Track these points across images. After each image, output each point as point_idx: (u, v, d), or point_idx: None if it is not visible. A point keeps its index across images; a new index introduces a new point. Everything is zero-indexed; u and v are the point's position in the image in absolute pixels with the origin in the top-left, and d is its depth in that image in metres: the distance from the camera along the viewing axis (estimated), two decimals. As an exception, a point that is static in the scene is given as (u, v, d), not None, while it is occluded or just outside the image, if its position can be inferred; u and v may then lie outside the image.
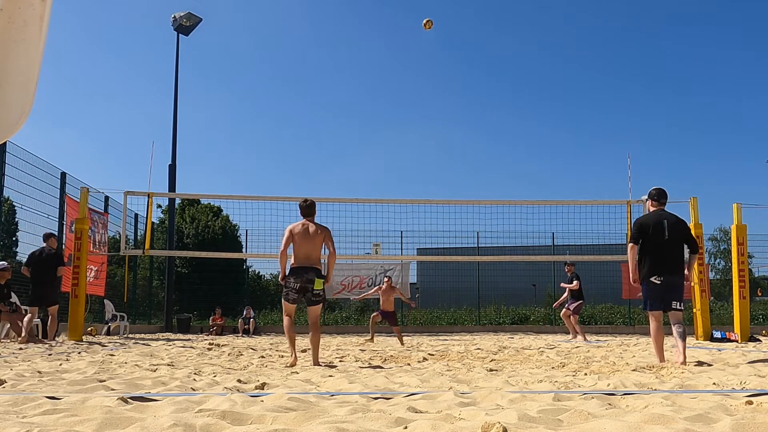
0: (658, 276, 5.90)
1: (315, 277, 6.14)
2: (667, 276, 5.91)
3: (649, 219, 6.09)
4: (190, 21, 20.20)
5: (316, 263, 6.26)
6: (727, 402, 2.99)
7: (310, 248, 6.22)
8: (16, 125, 1.09)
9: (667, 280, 5.92)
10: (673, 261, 5.96)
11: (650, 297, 6.04)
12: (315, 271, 6.18)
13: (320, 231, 6.28)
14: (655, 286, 5.95)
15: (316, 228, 6.30)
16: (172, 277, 19.89)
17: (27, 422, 2.48)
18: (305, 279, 6.14)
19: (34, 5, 1.05)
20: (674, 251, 5.97)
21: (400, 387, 4.00)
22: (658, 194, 6.20)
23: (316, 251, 6.26)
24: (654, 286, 5.95)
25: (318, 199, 14.50)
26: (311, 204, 6.49)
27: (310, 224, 6.32)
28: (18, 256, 14.83)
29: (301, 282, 6.13)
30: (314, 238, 6.24)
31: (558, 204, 14.61)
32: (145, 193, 12.91)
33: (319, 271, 6.22)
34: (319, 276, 6.17)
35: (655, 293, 5.98)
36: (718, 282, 32.41)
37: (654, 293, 5.98)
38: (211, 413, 2.63)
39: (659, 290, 5.95)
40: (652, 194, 6.24)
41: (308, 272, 6.15)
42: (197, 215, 26.48)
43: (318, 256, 6.30)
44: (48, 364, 5.78)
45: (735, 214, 12.45)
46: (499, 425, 2.23)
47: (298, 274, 6.16)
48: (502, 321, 21.34)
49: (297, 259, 6.22)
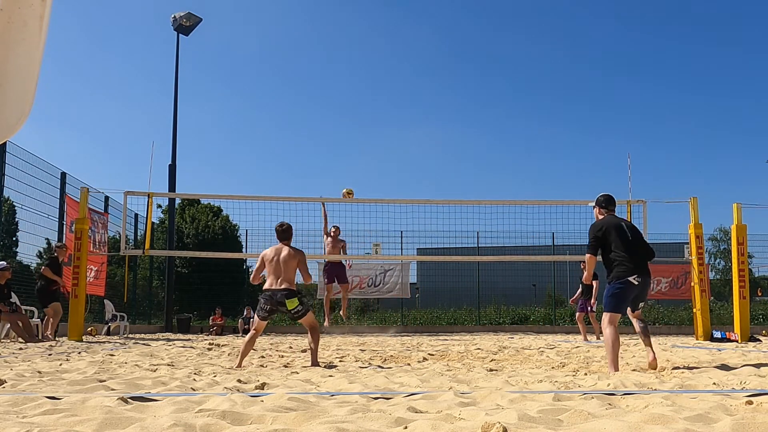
0: (637, 276, 5.47)
1: (285, 299, 6.09)
2: (645, 276, 5.53)
3: (606, 222, 5.72)
4: (190, 21, 20.20)
5: (287, 284, 6.15)
6: (727, 402, 2.99)
7: (280, 272, 6.17)
8: (16, 125, 1.09)
9: (645, 281, 5.54)
10: (645, 262, 5.63)
11: (620, 298, 5.51)
12: (284, 293, 6.10)
13: (294, 254, 6.22)
14: (631, 287, 5.48)
15: (290, 251, 6.23)
16: (172, 277, 19.89)
17: (27, 422, 2.48)
18: (274, 302, 6.13)
19: (34, 5, 1.05)
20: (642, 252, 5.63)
21: (400, 387, 4.00)
22: (606, 201, 5.90)
23: (288, 274, 6.17)
24: (630, 287, 5.48)
25: (318, 199, 14.55)
26: (287, 228, 6.43)
27: (285, 248, 6.27)
28: (18, 256, 14.84)
29: (271, 305, 6.15)
30: (287, 262, 6.18)
31: (558, 204, 14.60)
32: (145, 193, 12.90)
33: (291, 291, 6.12)
34: (289, 296, 6.10)
35: (626, 294, 5.51)
36: (718, 282, 32.40)
37: (625, 294, 5.51)
38: (211, 413, 2.63)
39: (633, 291, 5.53)
40: (600, 201, 5.93)
41: (276, 294, 6.11)
42: (197, 215, 26.47)
43: (290, 278, 6.19)
44: (48, 364, 5.78)
45: (735, 214, 12.45)
46: (499, 425, 2.23)
47: (267, 297, 6.16)
48: (502, 321, 21.33)
49: (268, 282, 6.21)
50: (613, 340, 5.38)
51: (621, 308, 5.57)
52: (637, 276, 5.47)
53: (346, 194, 12.29)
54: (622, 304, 5.55)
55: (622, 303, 5.55)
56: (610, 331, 5.42)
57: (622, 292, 5.49)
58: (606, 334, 5.45)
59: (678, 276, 20.11)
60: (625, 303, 5.58)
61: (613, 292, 5.52)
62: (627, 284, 5.47)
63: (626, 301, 5.58)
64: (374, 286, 21.00)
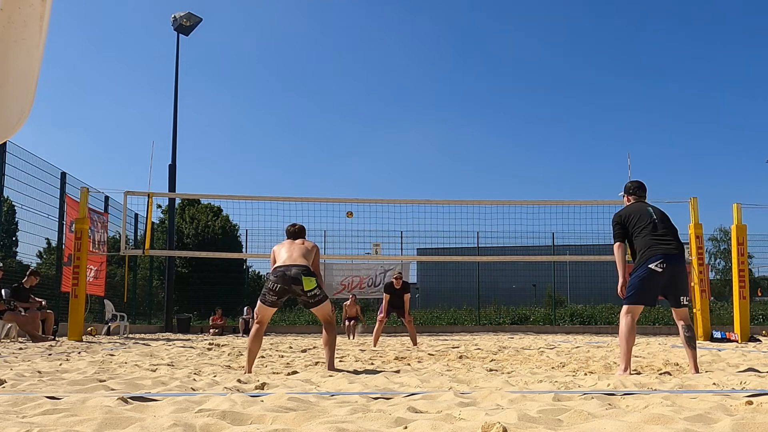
0: (661, 262, 4.86)
1: (301, 275, 5.13)
2: (672, 264, 4.88)
3: (630, 208, 5.25)
4: (190, 21, 20.21)
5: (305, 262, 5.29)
6: (727, 402, 2.99)
7: (294, 250, 5.38)
8: (16, 125, 1.09)
9: (672, 268, 4.89)
10: (675, 243, 4.98)
11: (640, 288, 4.92)
12: (301, 268, 5.17)
13: (311, 245, 5.54)
14: (653, 274, 4.87)
15: (305, 241, 5.60)
16: (172, 277, 19.90)
17: (27, 422, 2.48)
18: (287, 279, 5.12)
19: (34, 5, 1.05)
20: (669, 234, 5.02)
21: (400, 387, 4.00)
22: (635, 187, 5.43)
23: (305, 256, 5.34)
24: (651, 275, 4.88)
25: (318, 199, 14.57)
26: (300, 229, 5.75)
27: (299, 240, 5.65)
28: (18, 255, 14.85)
29: (283, 282, 5.12)
30: (303, 246, 5.46)
31: (558, 204, 14.62)
32: (145, 193, 12.91)
33: (306, 268, 5.21)
34: (306, 273, 5.17)
35: (649, 284, 4.91)
36: (718, 282, 32.41)
37: (647, 283, 4.91)
38: (211, 413, 2.63)
39: (657, 281, 4.90)
40: (628, 188, 5.47)
41: (290, 270, 5.16)
42: (197, 215, 26.48)
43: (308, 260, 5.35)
44: (48, 364, 5.78)
45: (735, 214, 12.45)
46: (499, 425, 2.23)
47: (279, 275, 5.17)
48: (502, 321, 21.34)
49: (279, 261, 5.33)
50: (626, 332, 4.91)
51: (641, 299, 4.97)
52: (661, 261, 4.86)
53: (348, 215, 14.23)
54: (642, 294, 4.94)
55: (642, 294, 4.94)
56: (625, 322, 4.95)
57: (642, 282, 4.92)
58: (620, 325, 5.02)
59: (678, 276, 20.07)
60: (646, 294, 4.95)
61: (632, 282, 4.98)
62: (648, 272, 4.89)
63: (647, 291, 4.94)
64: (374, 286, 21.00)
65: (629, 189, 5.48)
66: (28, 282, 11.18)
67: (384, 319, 10.57)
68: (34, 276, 11.31)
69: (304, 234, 5.76)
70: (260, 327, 5.25)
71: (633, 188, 5.45)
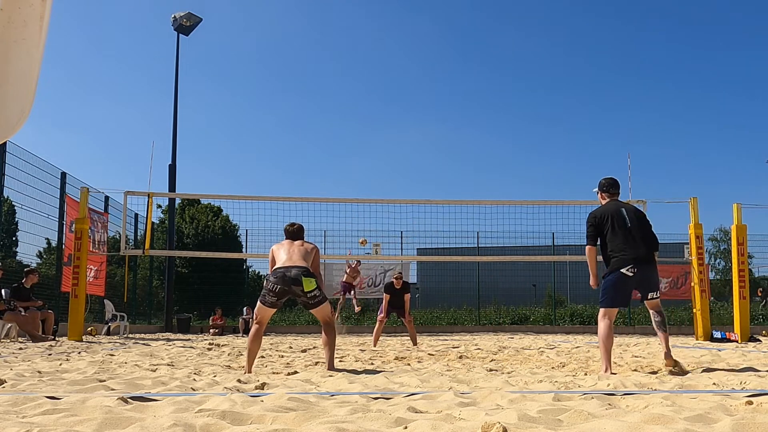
0: (632, 267, 5.04)
1: (301, 276, 5.22)
2: (642, 268, 5.08)
3: (605, 208, 5.33)
4: (190, 21, 20.20)
5: (305, 263, 5.38)
6: (727, 402, 2.99)
7: (293, 251, 5.45)
8: (16, 125, 1.09)
9: (642, 273, 5.09)
10: (645, 249, 5.14)
11: (612, 291, 5.14)
12: (300, 269, 5.26)
13: (310, 246, 5.61)
14: (625, 278, 5.07)
15: (305, 242, 5.66)
16: (172, 277, 19.89)
17: (27, 422, 2.48)
18: (287, 281, 5.22)
19: (34, 5, 1.05)
20: (640, 238, 5.17)
21: (400, 387, 4.00)
22: (608, 184, 5.48)
23: (305, 257, 5.42)
24: (624, 279, 5.08)
25: (318, 199, 14.56)
26: (299, 228, 5.77)
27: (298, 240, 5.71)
28: (18, 256, 14.85)
29: (282, 283, 5.21)
30: (303, 247, 5.53)
31: (558, 204, 14.60)
32: (145, 193, 12.90)
33: (306, 270, 5.30)
34: (306, 275, 5.25)
35: (622, 286, 5.11)
36: (718, 282, 32.40)
37: (620, 286, 5.11)
38: (211, 413, 2.63)
39: (629, 284, 5.11)
40: (602, 185, 5.51)
41: (290, 271, 5.24)
42: (197, 215, 26.48)
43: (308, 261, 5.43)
44: (48, 364, 5.78)
45: (735, 214, 12.45)
46: (499, 425, 2.23)
47: (278, 276, 5.25)
48: (502, 321, 21.33)
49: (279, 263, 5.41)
50: (605, 335, 5.07)
51: (614, 302, 5.18)
52: (632, 267, 5.05)
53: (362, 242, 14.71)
54: (615, 298, 5.16)
55: (615, 297, 5.15)
56: (603, 325, 5.12)
57: (615, 286, 5.13)
58: (599, 328, 5.18)
59: (678, 276, 20.10)
60: (618, 297, 5.17)
61: (605, 286, 5.19)
62: (620, 276, 5.09)
63: (620, 294, 5.16)
64: (374, 286, 20.99)
65: (603, 186, 5.56)
66: (28, 281, 11.20)
67: (384, 319, 10.56)
68: (32, 274, 11.32)
69: (303, 233, 5.82)
70: (260, 327, 5.33)
71: (607, 185, 5.54)
